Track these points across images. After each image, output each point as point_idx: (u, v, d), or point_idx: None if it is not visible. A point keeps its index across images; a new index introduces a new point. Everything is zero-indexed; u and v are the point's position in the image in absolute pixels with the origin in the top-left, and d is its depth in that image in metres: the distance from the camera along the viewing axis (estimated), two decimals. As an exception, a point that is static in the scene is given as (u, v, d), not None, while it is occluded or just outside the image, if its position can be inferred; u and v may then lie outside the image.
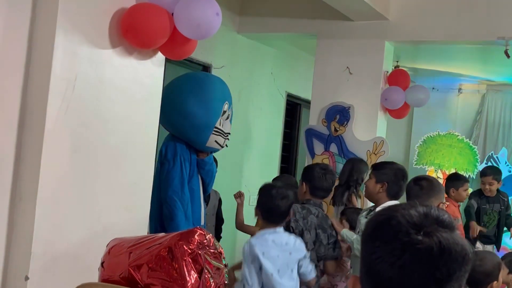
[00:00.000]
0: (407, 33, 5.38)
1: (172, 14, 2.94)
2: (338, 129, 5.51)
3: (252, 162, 6.31)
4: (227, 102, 3.99)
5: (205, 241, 2.16)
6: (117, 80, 2.95)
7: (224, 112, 3.94)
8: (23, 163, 2.67)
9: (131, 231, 2.76)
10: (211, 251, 2.17)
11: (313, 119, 5.69)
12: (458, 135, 7.74)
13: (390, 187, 3.52)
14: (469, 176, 7.43)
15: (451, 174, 6.21)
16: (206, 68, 5.51)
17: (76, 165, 2.78)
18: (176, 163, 3.80)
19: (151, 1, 2.91)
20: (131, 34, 2.89)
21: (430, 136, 7.79)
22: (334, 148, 5.53)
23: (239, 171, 6.13)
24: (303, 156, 6.43)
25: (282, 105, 6.88)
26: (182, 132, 3.85)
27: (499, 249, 6.01)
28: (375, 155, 5.28)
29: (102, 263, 2.26)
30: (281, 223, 3.27)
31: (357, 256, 3.68)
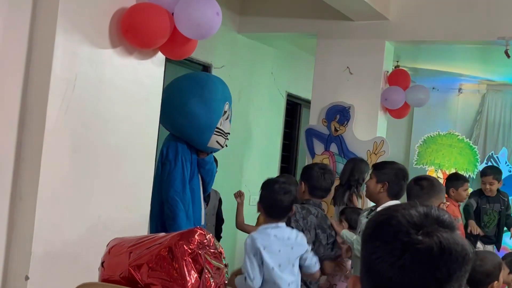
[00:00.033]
0: (407, 33, 5.38)
1: (172, 14, 2.94)
2: (338, 129, 5.51)
3: (252, 162, 6.31)
4: (227, 102, 4.00)
5: (205, 241, 2.16)
6: (117, 80, 2.95)
7: (224, 112, 3.95)
8: (23, 162, 2.67)
9: (131, 230, 2.76)
10: (211, 251, 2.17)
11: (313, 119, 5.68)
12: (458, 135, 7.75)
13: (391, 187, 3.52)
14: (469, 176, 7.43)
15: (451, 174, 6.21)
16: (206, 68, 5.50)
17: (76, 165, 2.78)
18: (177, 164, 3.79)
19: (151, 1, 2.91)
20: (131, 34, 2.88)
21: (430, 136, 7.79)
22: (334, 148, 5.53)
23: (239, 171, 6.13)
24: (303, 156, 6.43)
25: (282, 105, 6.87)
26: (184, 133, 3.85)
27: (499, 249, 6.01)
28: (375, 155, 5.28)
29: (102, 263, 2.26)
30: (283, 218, 3.26)
31: (357, 257, 3.68)
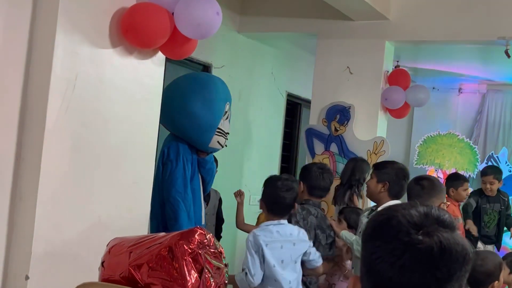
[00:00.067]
0: (408, 33, 5.37)
1: (173, 14, 2.93)
2: (338, 128, 5.51)
3: (252, 161, 6.30)
4: (228, 102, 4.01)
5: (205, 240, 2.16)
6: (117, 80, 2.95)
7: (225, 112, 3.96)
8: (23, 162, 2.67)
9: (131, 230, 2.76)
10: (212, 250, 2.17)
11: (313, 118, 5.68)
12: (459, 135, 7.75)
13: (391, 187, 3.52)
14: (469, 176, 7.43)
15: (451, 174, 6.22)
16: (206, 67, 5.50)
17: (76, 164, 2.78)
18: (179, 164, 3.79)
19: (151, 0, 2.91)
20: (131, 34, 2.88)
21: (431, 136, 7.80)
22: (334, 148, 5.53)
23: (239, 171, 6.13)
24: (303, 155, 6.43)
25: (283, 104, 6.87)
26: (185, 133, 3.85)
27: (499, 248, 6.01)
28: (376, 154, 5.27)
29: (102, 263, 2.26)
30: (285, 215, 3.26)
31: (357, 257, 3.68)
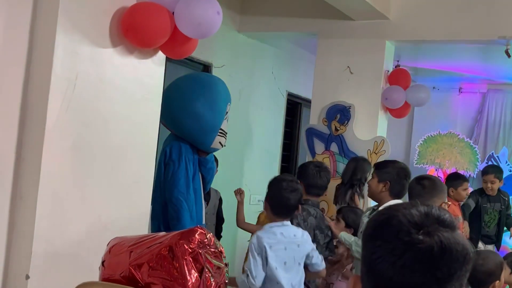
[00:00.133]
0: (408, 32, 5.37)
1: (173, 13, 2.93)
2: (338, 128, 5.51)
3: (252, 161, 6.30)
4: (229, 103, 4.01)
5: (205, 240, 2.16)
6: (117, 80, 2.95)
7: (226, 112, 3.97)
8: (23, 162, 2.67)
9: (131, 230, 2.76)
10: (212, 250, 2.17)
11: (313, 118, 5.68)
12: (459, 135, 7.75)
13: (392, 186, 3.51)
14: (469, 175, 7.43)
15: (451, 173, 6.22)
16: (206, 67, 5.50)
17: (76, 164, 2.78)
18: (181, 164, 3.78)
19: (151, 0, 2.91)
20: (131, 33, 2.88)
21: (431, 135, 7.80)
22: (334, 148, 5.52)
23: (240, 170, 6.13)
24: (303, 155, 6.43)
25: (283, 104, 6.87)
26: (188, 133, 3.84)
27: (499, 248, 6.01)
28: (376, 154, 5.27)
29: (103, 262, 2.26)
30: (289, 216, 3.26)
31: (357, 258, 3.68)
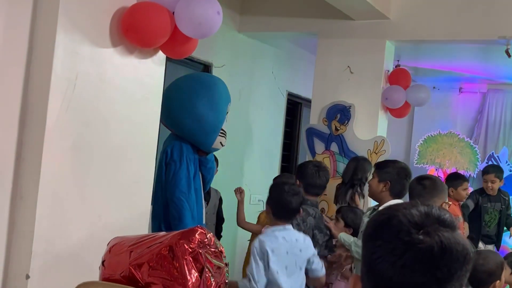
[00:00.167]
0: (408, 32, 5.37)
1: (173, 13, 2.93)
2: (339, 128, 5.51)
3: (252, 161, 6.30)
4: (229, 103, 4.01)
5: (205, 240, 2.16)
6: (117, 79, 2.95)
7: (226, 113, 3.97)
8: (23, 162, 2.67)
9: (131, 230, 2.76)
10: (212, 250, 2.17)
11: (313, 118, 5.68)
12: (459, 134, 7.75)
13: (393, 186, 3.51)
14: (469, 175, 7.43)
15: (450, 173, 6.22)
16: (207, 67, 5.50)
17: (76, 164, 2.78)
18: (182, 164, 3.78)
19: (151, 0, 2.91)
20: (131, 33, 2.88)
21: (431, 135, 7.80)
22: (334, 147, 5.52)
23: (240, 170, 6.13)
24: (303, 155, 6.42)
25: (283, 104, 6.87)
26: (190, 134, 3.83)
27: (498, 248, 6.01)
28: (376, 154, 5.27)
29: (103, 262, 2.26)
30: (290, 220, 3.26)
31: (356, 259, 3.68)
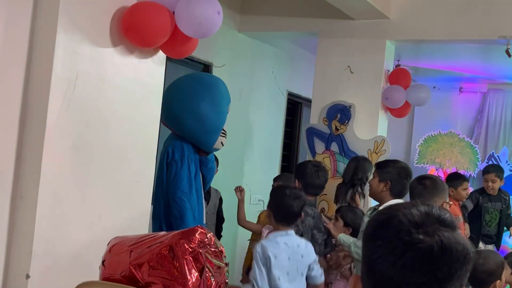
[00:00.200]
0: (408, 32, 5.37)
1: (173, 13, 2.93)
2: (339, 128, 5.51)
3: (253, 161, 6.30)
4: (229, 103, 4.01)
5: (206, 239, 2.16)
6: (118, 79, 2.95)
7: (227, 113, 3.97)
8: (24, 162, 2.67)
9: (131, 230, 2.76)
10: (212, 249, 2.17)
11: (314, 118, 5.68)
12: (459, 134, 7.75)
13: (393, 186, 3.51)
14: (470, 175, 7.43)
15: (451, 173, 6.21)
16: (207, 67, 5.50)
17: (76, 164, 2.78)
18: (184, 164, 3.77)
19: (152, -1, 2.91)
20: (132, 33, 2.88)
21: (431, 135, 7.79)
22: (335, 147, 5.52)
23: (240, 170, 6.13)
24: (304, 155, 6.42)
25: (283, 103, 6.87)
26: (191, 134, 3.82)
27: (499, 248, 6.01)
28: (376, 154, 5.27)
29: (103, 262, 2.26)
30: (292, 224, 3.26)
31: (356, 259, 3.68)
